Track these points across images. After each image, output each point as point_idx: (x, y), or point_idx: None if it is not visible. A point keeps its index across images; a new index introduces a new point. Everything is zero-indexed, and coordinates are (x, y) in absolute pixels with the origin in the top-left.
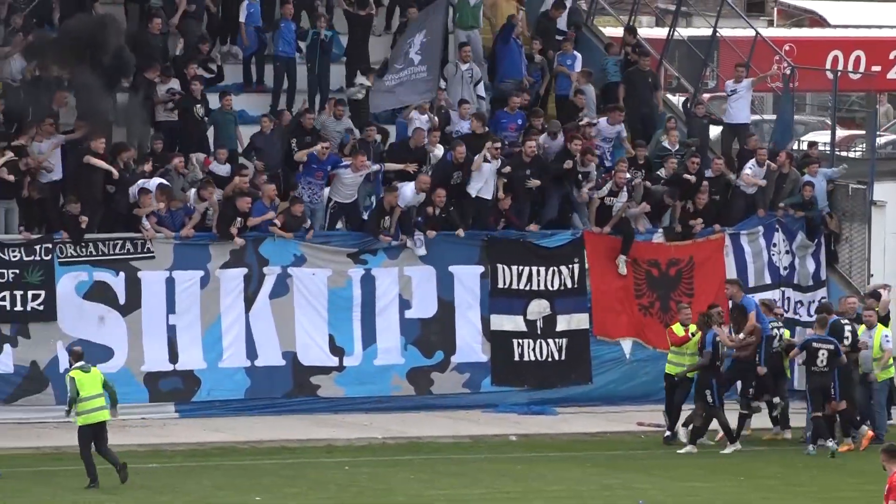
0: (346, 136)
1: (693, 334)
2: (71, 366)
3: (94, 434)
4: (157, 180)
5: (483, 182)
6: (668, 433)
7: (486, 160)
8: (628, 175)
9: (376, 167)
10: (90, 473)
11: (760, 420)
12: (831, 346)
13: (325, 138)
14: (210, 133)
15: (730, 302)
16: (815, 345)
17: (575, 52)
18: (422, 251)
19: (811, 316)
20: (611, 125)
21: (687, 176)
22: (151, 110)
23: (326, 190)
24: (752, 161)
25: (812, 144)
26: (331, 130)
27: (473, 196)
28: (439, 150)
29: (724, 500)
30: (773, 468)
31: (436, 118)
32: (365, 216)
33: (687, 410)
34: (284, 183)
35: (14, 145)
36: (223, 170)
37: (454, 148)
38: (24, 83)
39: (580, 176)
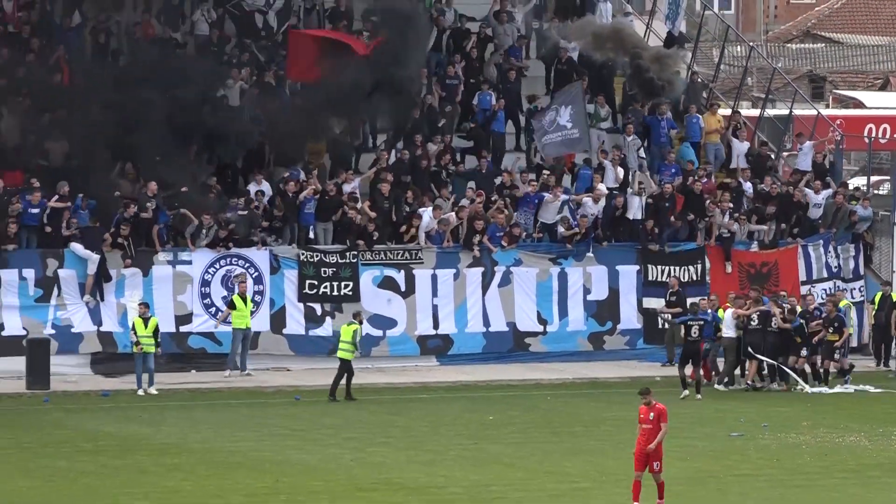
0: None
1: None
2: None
3: (344, 369)
4: (429, 209)
5: (637, 209)
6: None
7: (636, 194)
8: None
9: (566, 196)
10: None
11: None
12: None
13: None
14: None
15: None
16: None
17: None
18: (591, 256)
19: (853, 297)
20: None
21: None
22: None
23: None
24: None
25: (857, 189)
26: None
27: (630, 218)
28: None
29: None
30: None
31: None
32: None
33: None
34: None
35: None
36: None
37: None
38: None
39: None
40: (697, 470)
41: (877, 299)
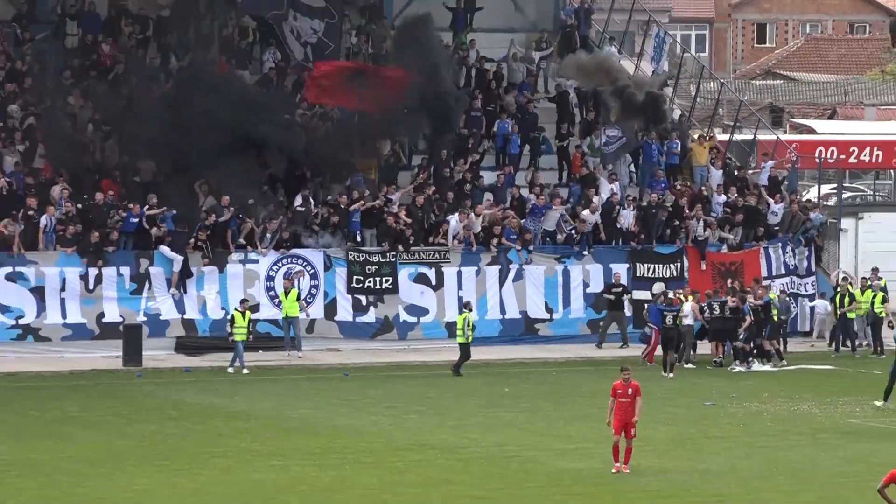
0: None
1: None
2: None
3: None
4: (456, 216)
5: (627, 218)
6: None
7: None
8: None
9: (563, 208)
10: None
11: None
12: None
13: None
14: None
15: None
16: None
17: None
18: (589, 256)
19: (805, 290)
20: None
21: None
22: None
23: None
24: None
25: (809, 200)
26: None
27: (621, 228)
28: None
29: None
30: None
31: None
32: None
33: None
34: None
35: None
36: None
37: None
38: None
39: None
40: (677, 433)
41: (837, 299)
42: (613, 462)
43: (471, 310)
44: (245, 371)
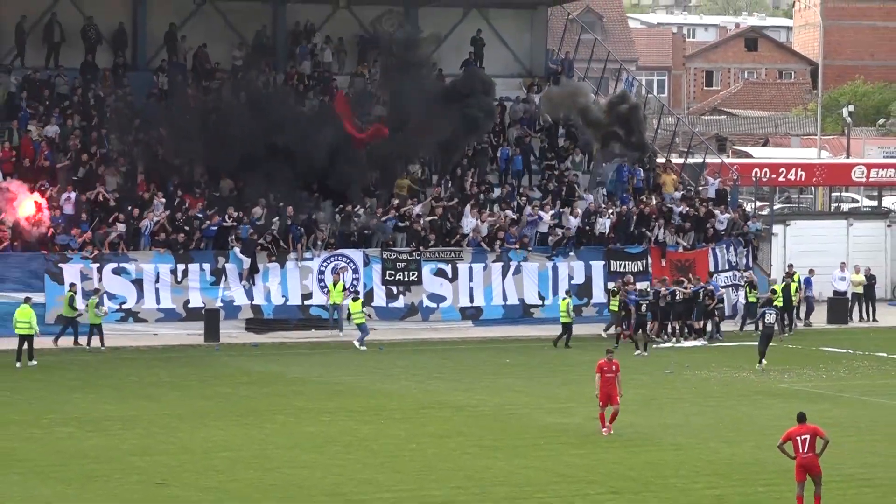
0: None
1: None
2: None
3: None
4: (472, 221)
5: (605, 226)
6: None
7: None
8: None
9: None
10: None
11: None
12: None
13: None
14: None
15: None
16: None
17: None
18: (573, 255)
19: (740, 282)
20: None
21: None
22: None
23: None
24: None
25: (745, 211)
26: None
27: (597, 233)
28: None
29: None
30: None
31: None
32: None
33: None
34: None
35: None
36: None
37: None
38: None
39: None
40: (643, 396)
41: (778, 288)
42: (601, 426)
43: (571, 296)
44: (363, 348)
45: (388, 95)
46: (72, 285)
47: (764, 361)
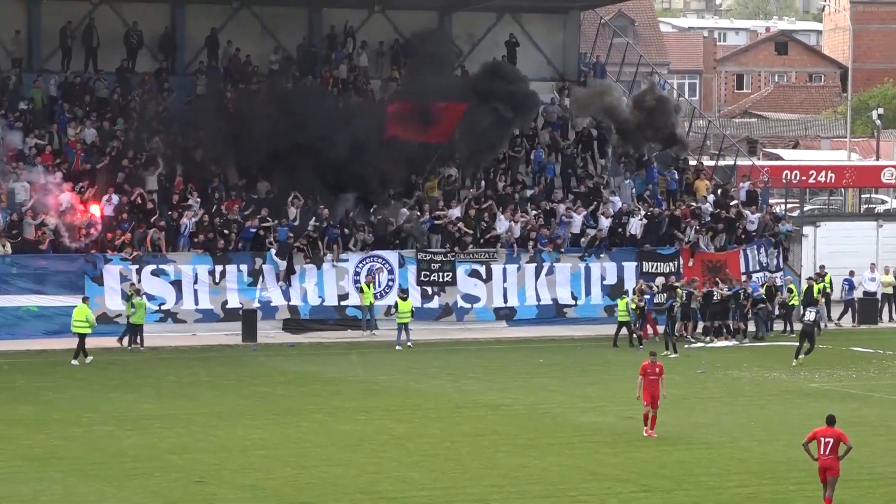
0: None
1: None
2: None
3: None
4: (505, 223)
5: (636, 227)
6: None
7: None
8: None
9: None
10: None
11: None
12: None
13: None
14: None
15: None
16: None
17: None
18: (605, 256)
19: (776, 284)
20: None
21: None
22: None
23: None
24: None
25: (775, 213)
26: None
27: (628, 235)
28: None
29: None
30: None
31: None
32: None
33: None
34: None
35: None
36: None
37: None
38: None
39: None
40: (674, 395)
41: (794, 287)
42: (644, 427)
43: (628, 294)
44: (409, 344)
45: (412, 92)
46: (131, 285)
47: (801, 357)
